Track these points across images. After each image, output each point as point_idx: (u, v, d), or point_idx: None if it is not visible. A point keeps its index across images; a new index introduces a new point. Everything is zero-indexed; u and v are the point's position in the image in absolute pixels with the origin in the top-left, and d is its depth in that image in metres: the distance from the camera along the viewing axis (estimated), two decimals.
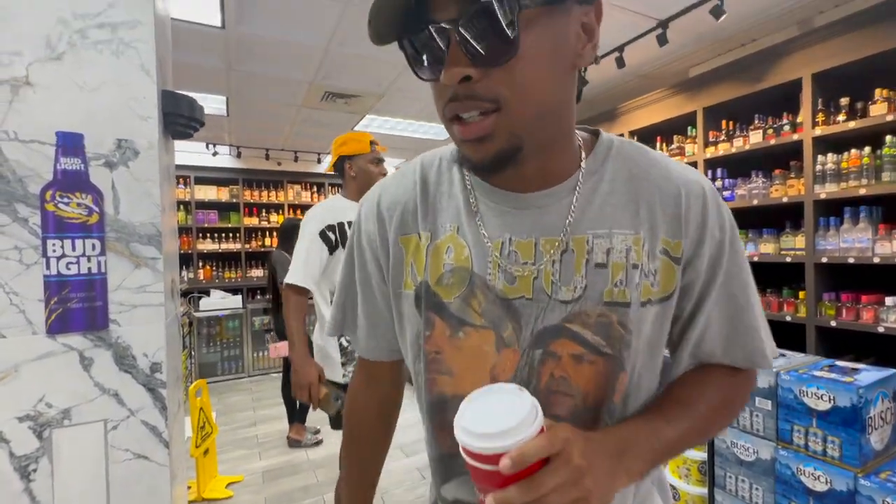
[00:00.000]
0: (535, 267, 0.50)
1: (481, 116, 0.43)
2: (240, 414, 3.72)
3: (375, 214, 0.58)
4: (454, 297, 0.52)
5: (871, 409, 1.18)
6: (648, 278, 0.49)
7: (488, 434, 0.37)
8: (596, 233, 0.49)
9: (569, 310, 0.49)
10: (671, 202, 0.50)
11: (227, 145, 5.01)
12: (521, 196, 0.51)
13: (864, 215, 2.01)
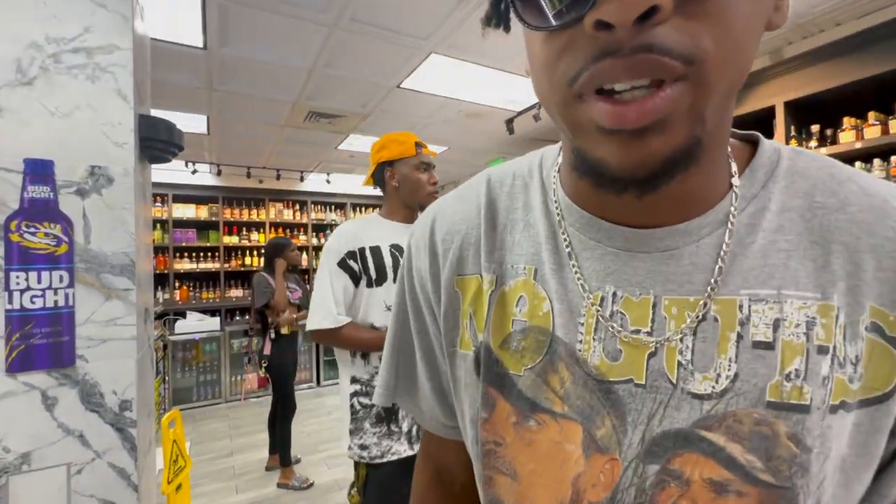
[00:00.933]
0: (653, 339, 0.33)
1: (652, 89, 0.25)
2: (216, 443, 3.56)
3: (428, 246, 0.43)
4: (525, 368, 0.36)
5: None
6: (846, 369, 0.31)
7: None
8: (756, 294, 0.31)
9: (706, 409, 0.31)
10: (889, 249, 0.31)
11: (208, 163, 4.93)
12: (640, 232, 0.34)
13: None
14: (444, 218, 0.43)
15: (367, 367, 1.30)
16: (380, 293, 1.32)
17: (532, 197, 0.40)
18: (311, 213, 5.89)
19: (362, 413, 1.28)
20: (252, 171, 5.07)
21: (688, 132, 0.27)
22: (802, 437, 0.30)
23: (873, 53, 1.93)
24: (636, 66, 0.25)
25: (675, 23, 0.24)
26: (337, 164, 5.14)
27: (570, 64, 0.27)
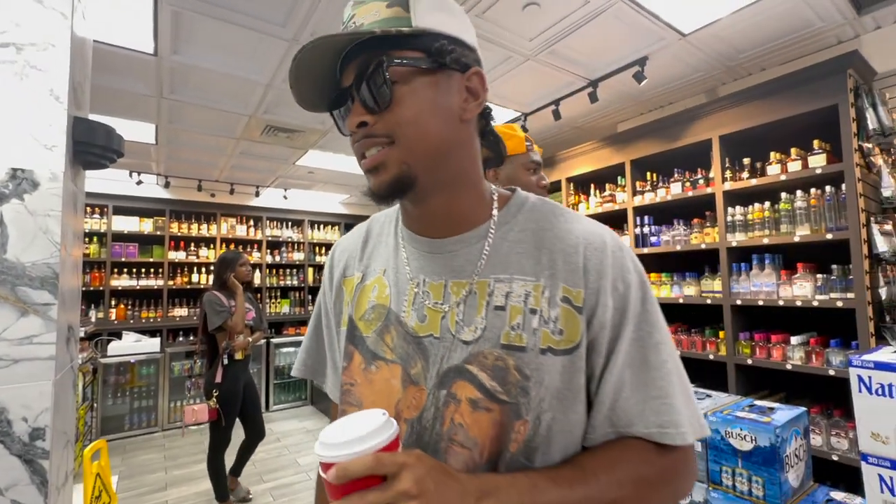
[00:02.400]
0: (443, 307, 0.54)
1: (378, 151, 0.51)
2: (148, 476, 3.27)
3: (331, 261, 0.67)
4: (372, 331, 0.57)
5: (787, 448, 1.25)
6: (549, 325, 0.51)
7: (326, 444, 0.40)
8: (498, 277, 0.53)
9: (469, 350, 0.51)
10: (571, 252, 0.53)
11: (154, 174, 4.67)
12: (436, 241, 0.57)
13: (769, 262, 2.23)
14: (342, 244, 0.67)
15: None
16: None
17: (391, 227, 0.63)
18: (266, 230, 5.70)
19: None
20: (203, 185, 4.85)
21: (397, 169, 0.51)
22: (523, 369, 0.49)
23: (794, 96, 2.14)
24: (366, 144, 0.52)
25: (378, 124, 0.50)
26: (295, 179, 5.03)
27: (353, 147, 0.54)
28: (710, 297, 2.46)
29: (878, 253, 1.90)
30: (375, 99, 0.50)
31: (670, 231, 2.72)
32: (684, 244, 2.62)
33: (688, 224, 2.66)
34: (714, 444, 1.35)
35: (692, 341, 2.54)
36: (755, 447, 1.25)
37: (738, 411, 1.37)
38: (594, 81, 2.63)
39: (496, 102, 2.99)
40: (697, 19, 2.12)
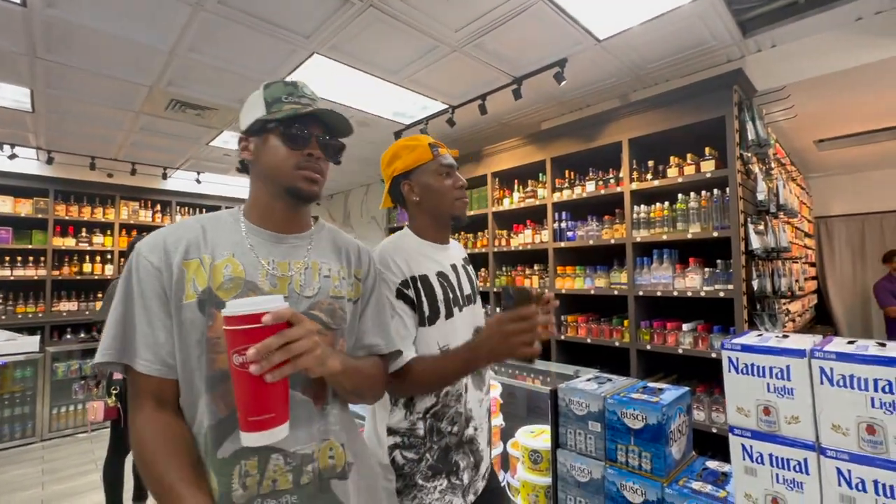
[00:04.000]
0: (289, 276, 0.82)
1: (320, 177, 0.86)
2: (21, 493, 2.84)
3: (161, 249, 0.77)
4: (231, 297, 0.75)
5: (671, 424, 1.38)
6: (349, 286, 0.91)
7: (255, 303, 0.61)
8: (323, 260, 0.89)
9: (311, 301, 0.83)
10: (354, 250, 0.96)
11: (34, 148, 4.05)
12: (281, 236, 0.86)
13: (667, 257, 2.45)
14: (171, 235, 0.79)
15: (411, 416, 1.06)
16: (432, 333, 1.07)
17: (226, 224, 0.84)
18: (177, 216, 5.20)
19: (409, 468, 1.05)
20: (98, 163, 4.30)
21: (320, 189, 0.89)
22: (343, 308, 0.88)
23: (691, 106, 2.36)
24: (317, 170, 0.87)
25: (322, 163, 0.87)
26: (209, 161, 4.63)
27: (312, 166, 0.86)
28: (618, 288, 2.65)
29: (752, 249, 2.16)
30: (336, 154, 0.88)
31: (585, 226, 2.88)
32: (596, 239, 2.79)
33: (600, 220, 2.83)
34: (611, 424, 1.45)
35: (601, 329, 2.72)
36: (645, 425, 1.36)
37: (632, 393, 1.48)
38: (518, 79, 2.70)
39: (424, 94, 2.97)
40: (611, 26, 2.24)
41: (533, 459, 1.75)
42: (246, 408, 0.60)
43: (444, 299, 1.10)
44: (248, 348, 0.58)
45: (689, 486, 1.28)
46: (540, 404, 2.34)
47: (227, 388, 0.70)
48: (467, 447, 1.13)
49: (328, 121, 0.84)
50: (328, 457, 0.79)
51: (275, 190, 0.83)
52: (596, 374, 1.75)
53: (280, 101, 0.81)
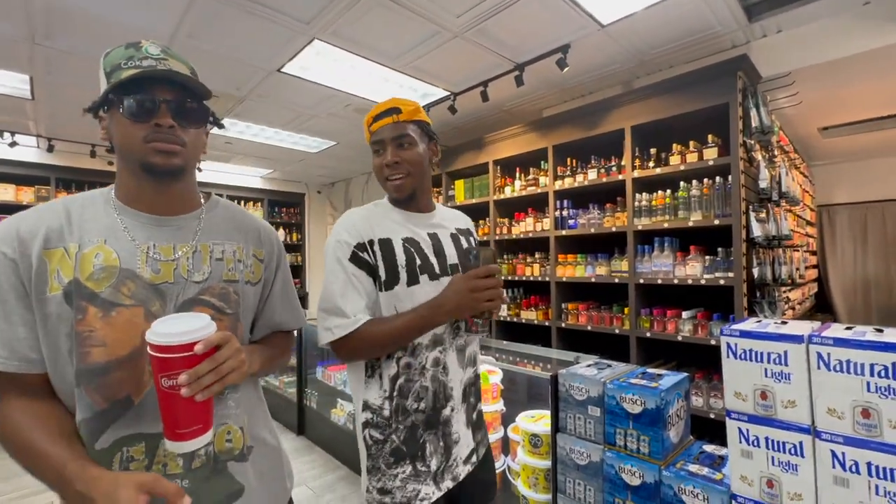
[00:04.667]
0: (175, 260, 0.77)
1: (180, 148, 0.76)
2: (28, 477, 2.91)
3: (14, 238, 0.68)
4: (105, 287, 0.70)
5: (670, 409, 1.40)
6: (248, 268, 0.86)
7: (182, 332, 0.61)
8: (215, 241, 0.83)
9: (201, 287, 0.78)
10: (255, 230, 0.91)
11: (34, 136, 4.04)
12: (163, 218, 0.79)
13: (668, 244, 2.45)
14: (26, 221, 0.71)
15: (381, 391, 1.03)
16: (392, 298, 1.02)
17: (99, 207, 0.76)
18: None
19: (375, 449, 1.03)
20: (98, 150, 4.29)
21: (181, 162, 0.77)
22: (238, 292, 0.83)
23: (694, 92, 2.34)
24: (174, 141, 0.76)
25: (178, 131, 0.74)
26: (211, 149, 4.61)
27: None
28: (618, 276, 2.66)
29: (753, 237, 2.17)
30: (196, 120, 0.79)
31: (586, 214, 2.88)
32: (598, 227, 2.79)
33: (601, 208, 2.83)
34: (610, 408, 1.47)
35: (601, 317, 2.74)
36: (644, 410, 1.38)
37: (632, 378, 1.50)
38: (520, 65, 2.68)
39: (426, 80, 2.94)
40: (615, 11, 2.22)
41: (533, 443, 1.78)
42: (175, 423, 0.63)
43: (407, 265, 1.03)
44: (178, 374, 0.60)
45: (686, 469, 1.30)
46: (540, 390, 2.37)
47: (104, 381, 0.69)
48: (441, 429, 1.06)
49: (180, 81, 0.73)
50: (225, 440, 0.79)
51: (133, 168, 0.75)
52: (596, 361, 1.77)
53: (119, 69, 0.71)
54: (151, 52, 0.73)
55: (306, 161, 5.08)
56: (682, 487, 1.26)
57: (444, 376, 1.08)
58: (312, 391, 3.56)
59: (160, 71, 0.71)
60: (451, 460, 1.07)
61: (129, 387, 0.70)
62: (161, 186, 0.77)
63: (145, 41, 0.75)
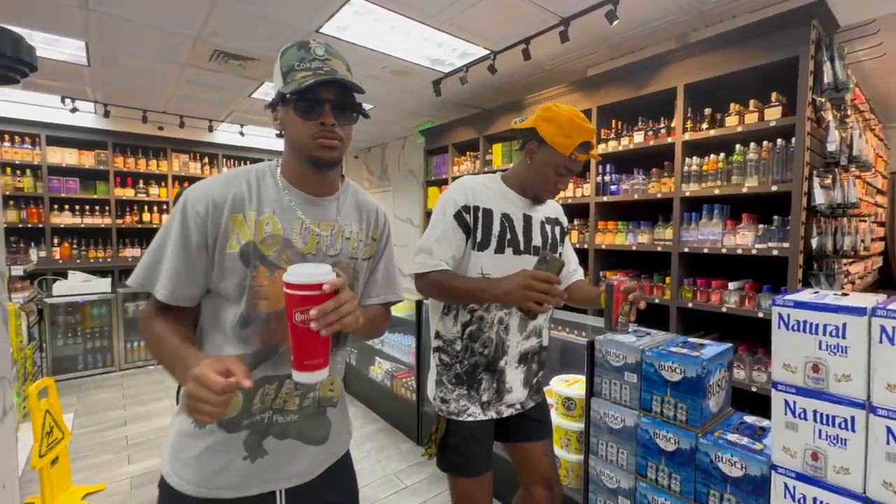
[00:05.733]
0: (318, 237, 0.91)
1: (338, 143, 0.88)
2: (107, 413, 3.26)
3: (210, 201, 0.84)
4: (272, 251, 0.86)
5: (711, 379, 1.37)
6: (366, 247, 1.01)
7: (310, 272, 0.73)
8: (346, 223, 0.97)
9: (333, 260, 0.93)
10: (374, 212, 1.05)
11: (92, 101, 4.25)
12: (315, 199, 0.93)
13: (717, 212, 2.33)
14: (217, 188, 0.85)
15: (455, 329, 1.27)
16: (479, 259, 1.23)
17: (267, 181, 0.90)
18: (223, 168, 5.39)
19: (441, 369, 1.29)
20: (149, 116, 4.47)
21: (339, 155, 0.91)
22: (357, 267, 0.98)
23: (759, 45, 2.14)
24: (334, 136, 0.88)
25: (337, 128, 0.87)
26: (251, 114, 4.71)
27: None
28: (661, 244, 2.56)
29: (815, 205, 2.01)
30: (352, 115, 0.89)
31: (630, 180, 2.76)
32: (642, 193, 2.68)
33: (647, 173, 2.70)
34: (648, 375, 1.46)
35: (641, 286, 2.67)
36: (683, 378, 1.36)
37: (672, 347, 1.48)
38: (566, 19, 2.52)
39: (465, 38, 2.84)
40: None
41: (566, 406, 1.81)
42: (303, 354, 0.73)
43: (499, 235, 1.23)
44: (309, 309, 0.71)
45: (724, 438, 1.29)
46: (574, 356, 2.37)
47: (265, 328, 0.85)
48: (495, 375, 1.26)
49: (340, 81, 0.84)
50: (329, 389, 0.96)
51: (300, 158, 0.88)
52: (634, 329, 1.75)
53: (293, 70, 0.83)
54: (318, 54, 0.85)
55: None
56: (720, 455, 1.26)
57: (504, 335, 1.29)
58: (352, 349, 3.73)
59: (328, 77, 0.82)
60: (500, 402, 1.28)
61: (279, 335, 0.86)
62: (319, 174, 0.91)
63: (312, 41, 0.86)
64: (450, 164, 4.31)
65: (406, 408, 2.94)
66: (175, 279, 0.83)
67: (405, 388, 2.98)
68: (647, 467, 1.46)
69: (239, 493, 0.86)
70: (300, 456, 0.91)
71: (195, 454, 0.84)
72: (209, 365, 0.67)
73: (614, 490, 1.57)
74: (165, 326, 0.83)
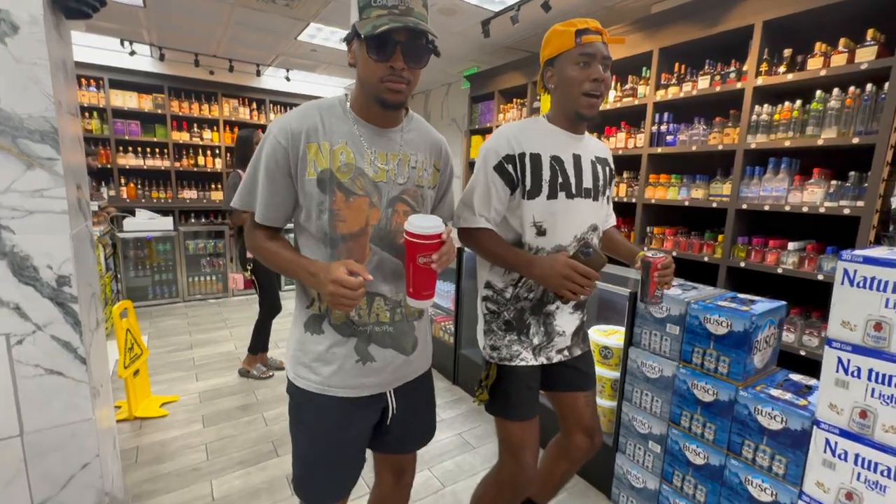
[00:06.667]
0: (386, 166, 0.98)
1: (405, 86, 0.92)
2: (175, 338, 3.62)
3: (289, 132, 0.92)
4: (347, 178, 0.94)
5: (759, 334, 1.34)
6: (430, 176, 1.07)
7: (434, 226, 0.87)
8: (412, 153, 1.02)
9: (401, 188, 1.00)
10: (438, 143, 1.11)
11: (148, 44, 4.37)
12: (382, 130, 0.99)
13: (784, 166, 2.16)
14: (293, 121, 0.93)
15: (506, 277, 1.23)
16: (530, 207, 1.16)
17: (337, 113, 0.97)
18: (271, 114, 5.49)
19: (490, 317, 1.27)
20: (200, 60, 4.56)
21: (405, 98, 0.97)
22: (424, 195, 1.06)
23: None
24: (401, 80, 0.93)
25: (406, 72, 0.91)
26: (297, 58, 4.69)
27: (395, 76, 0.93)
28: (717, 200, 2.43)
29: None
30: (421, 59, 0.92)
31: (689, 130, 2.59)
32: (700, 144, 2.51)
33: (709, 123, 2.52)
34: (691, 328, 1.44)
35: (689, 243, 2.58)
36: (729, 332, 1.34)
37: (720, 301, 1.44)
38: None
39: None
40: None
41: (603, 355, 1.84)
42: (421, 288, 0.91)
43: (551, 180, 1.16)
44: (431, 254, 0.87)
45: (766, 392, 1.28)
46: (613, 308, 2.36)
47: (345, 247, 0.96)
48: (543, 318, 1.24)
49: (413, 26, 0.85)
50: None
51: (368, 95, 0.93)
52: (680, 283, 1.71)
53: (369, 6, 0.86)
54: None
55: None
56: (760, 408, 1.25)
57: None
58: None
59: (403, 21, 0.84)
60: (550, 345, 1.26)
61: (358, 254, 0.96)
62: (386, 111, 0.96)
63: None
64: (495, 112, 4.18)
65: (444, 350, 3.07)
66: (267, 202, 0.95)
67: (444, 331, 3.10)
68: (681, 416, 1.48)
69: (356, 393, 1.00)
70: (399, 363, 1.04)
71: (314, 356, 0.98)
72: (340, 269, 0.83)
73: (645, 435, 1.62)
74: (272, 242, 0.99)
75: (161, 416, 2.41)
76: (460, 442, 2.27)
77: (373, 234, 0.97)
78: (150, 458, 2.06)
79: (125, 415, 2.34)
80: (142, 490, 1.84)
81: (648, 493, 1.62)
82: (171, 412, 2.46)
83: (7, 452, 1.15)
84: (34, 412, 1.17)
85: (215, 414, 2.46)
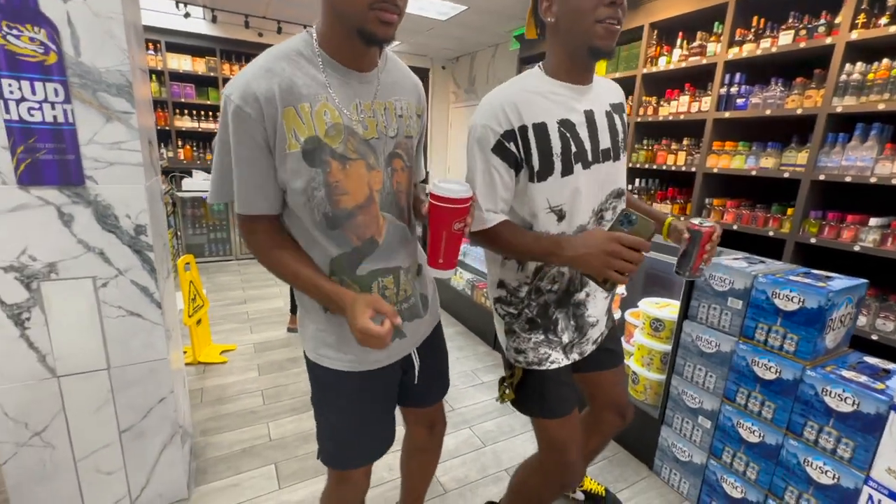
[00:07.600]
0: (374, 119, 0.82)
1: (396, 17, 0.73)
2: (230, 293, 3.85)
3: (255, 96, 0.71)
4: (338, 142, 0.77)
5: (834, 312, 1.25)
6: (415, 123, 0.92)
7: (464, 189, 0.79)
8: (396, 98, 0.87)
9: (395, 141, 0.86)
10: (415, 86, 0.94)
11: (201, 6, 4.44)
12: (362, 75, 0.81)
13: (875, 133, 1.94)
14: (260, 82, 0.72)
15: (520, 274, 1.05)
16: (541, 190, 0.95)
17: (306, 64, 0.76)
18: None
19: (509, 318, 1.10)
20: (250, 21, 4.59)
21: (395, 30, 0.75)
22: (413, 146, 0.92)
23: None
24: (394, 9, 0.72)
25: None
26: None
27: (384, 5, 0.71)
28: (790, 170, 2.24)
29: None
30: None
31: (763, 92, 2.37)
32: (776, 108, 2.29)
33: (787, 84, 2.29)
34: (757, 302, 1.37)
35: (754, 216, 2.41)
36: (801, 308, 1.26)
37: (792, 276, 1.35)
38: None
39: None
40: None
41: (654, 327, 1.78)
42: (452, 255, 0.83)
43: (563, 153, 0.93)
44: (466, 218, 0.81)
45: (837, 373, 1.21)
46: (663, 279, 2.28)
47: (354, 223, 0.82)
48: (572, 310, 1.06)
49: None
50: (417, 263, 1.00)
51: (349, 28, 0.72)
52: (746, 256, 1.61)
53: None
54: None
55: (434, 31, 4.85)
56: (828, 389, 1.18)
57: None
58: None
59: None
60: (583, 339, 1.10)
61: (372, 229, 0.84)
62: (370, 49, 0.77)
63: None
64: None
65: (485, 315, 3.10)
66: (248, 185, 0.77)
67: (485, 297, 3.11)
68: (738, 392, 1.43)
69: (385, 363, 0.94)
70: (419, 325, 1.00)
71: (339, 337, 0.89)
72: (365, 315, 0.73)
73: (695, 410, 1.58)
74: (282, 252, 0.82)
75: (221, 362, 2.60)
76: (500, 404, 2.31)
77: (382, 197, 0.84)
78: (213, 399, 2.24)
79: (190, 359, 2.54)
80: (207, 427, 2.01)
81: (694, 467, 1.60)
82: (229, 360, 2.64)
83: (97, 383, 1.27)
84: (118, 349, 1.28)
85: (269, 364, 2.63)
